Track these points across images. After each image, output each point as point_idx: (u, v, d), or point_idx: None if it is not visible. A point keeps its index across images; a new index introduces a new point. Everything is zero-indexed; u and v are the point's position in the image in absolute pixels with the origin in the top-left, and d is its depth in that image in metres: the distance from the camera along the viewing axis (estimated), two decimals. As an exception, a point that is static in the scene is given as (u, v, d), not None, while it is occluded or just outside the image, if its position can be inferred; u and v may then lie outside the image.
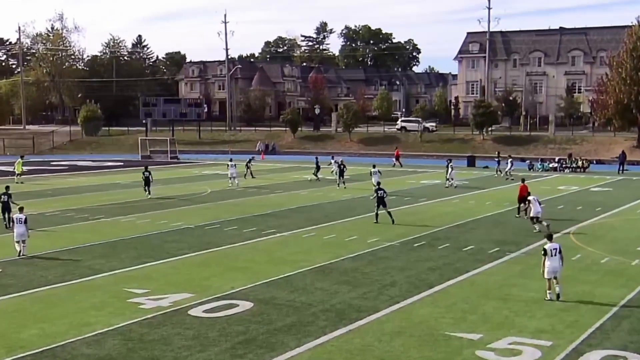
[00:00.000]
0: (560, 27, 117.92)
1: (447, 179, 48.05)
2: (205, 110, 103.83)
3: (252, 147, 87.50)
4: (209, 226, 31.38)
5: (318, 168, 52.41)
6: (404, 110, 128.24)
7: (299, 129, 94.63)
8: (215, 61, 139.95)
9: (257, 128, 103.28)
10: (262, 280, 21.05)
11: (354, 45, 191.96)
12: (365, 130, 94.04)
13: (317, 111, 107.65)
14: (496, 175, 54.88)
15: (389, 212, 31.80)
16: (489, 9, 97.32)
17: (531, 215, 29.72)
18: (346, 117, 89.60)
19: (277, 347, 15.24)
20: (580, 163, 64.37)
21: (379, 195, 32.09)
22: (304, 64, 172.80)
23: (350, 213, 35.31)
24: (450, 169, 47.78)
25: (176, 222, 32.21)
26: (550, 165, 65.00)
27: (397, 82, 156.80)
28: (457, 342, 15.63)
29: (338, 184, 47.34)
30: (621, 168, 60.71)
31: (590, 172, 59.50)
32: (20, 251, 24.84)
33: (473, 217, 34.07)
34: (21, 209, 25.97)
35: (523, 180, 35.61)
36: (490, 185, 48.95)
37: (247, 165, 53.98)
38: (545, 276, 19.17)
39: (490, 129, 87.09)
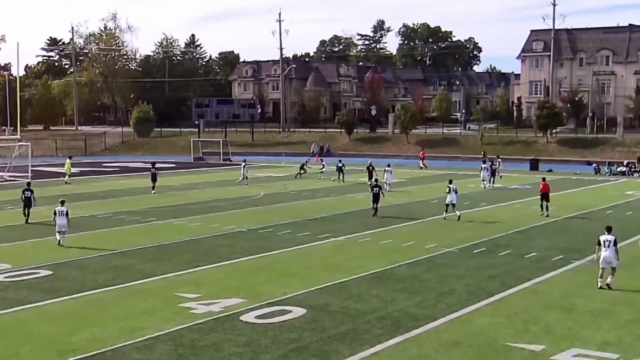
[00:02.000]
0: (630, 24, 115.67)
1: (483, 180, 50.36)
2: (259, 111, 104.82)
3: (307, 149, 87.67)
4: (261, 230, 31.57)
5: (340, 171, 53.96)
6: (464, 111, 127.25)
7: (355, 130, 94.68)
8: (269, 61, 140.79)
9: (311, 129, 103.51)
10: (315, 287, 21.08)
11: (412, 44, 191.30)
12: (423, 132, 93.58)
13: (373, 112, 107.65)
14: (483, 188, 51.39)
15: (377, 208, 35.52)
16: (554, 5, 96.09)
17: None
18: (403, 118, 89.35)
19: (331, 356, 15.24)
20: (651, 167, 63.19)
21: (375, 192, 35.77)
22: (360, 63, 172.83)
23: (407, 217, 35.16)
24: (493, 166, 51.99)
25: (229, 226, 32.48)
26: (618, 169, 63.94)
27: (457, 82, 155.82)
28: (519, 353, 15.45)
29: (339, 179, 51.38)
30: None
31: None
32: (59, 240, 27.40)
33: (536, 223, 33.65)
34: (62, 202, 28.41)
35: (544, 179, 37.73)
36: (554, 189, 48.13)
37: (302, 167, 54.43)
38: (600, 265, 20.65)
39: (554, 131, 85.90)
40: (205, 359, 15.07)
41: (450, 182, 35.37)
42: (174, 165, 72.62)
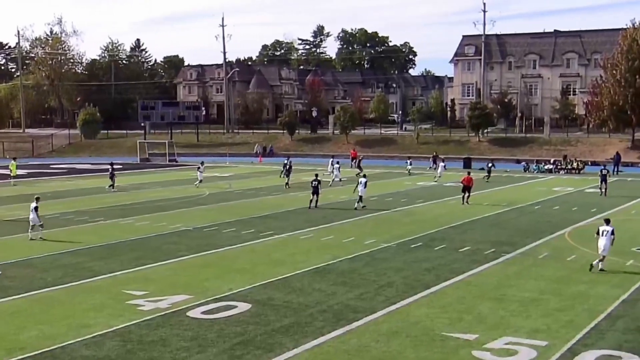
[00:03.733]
0: (555, 30, 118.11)
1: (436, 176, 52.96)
2: (203, 113, 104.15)
3: (250, 150, 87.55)
4: (207, 228, 31.37)
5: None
6: (400, 112, 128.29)
7: (297, 131, 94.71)
8: (213, 64, 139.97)
9: (254, 130, 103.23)
10: (260, 282, 21.05)
11: (350, 48, 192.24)
12: (362, 133, 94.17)
13: (314, 114, 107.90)
14: (435, 182, 52.61)
15: (317, 200, 37.53)
16: (485, 12, 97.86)
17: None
18: (343, 119, 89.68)
19: (275, 348, 15.24)
20: (575, 164, 64.49)
21: (314, 185, 37.55)
22: (301, 67, 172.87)
23: (347, 214, 35.32)
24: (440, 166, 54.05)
25: (175, 224, 32.20)
26: (546, 167, 65.09)
27: (394, 85, 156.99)
28: (454, 342, 15.65)
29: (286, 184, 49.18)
30: (616, 169, 60.79)
31: (585, 174, 59.46)
32: (30, 235, 28.28)
33: (469, 218, 34.08)
34: (37, 199, 29.10)
35: (469, 173, 41.16)
36: (487, 186, 48.93)
37: (284, 166, 52.39)
38: (598, 252, 22.55)
39: (485, 130, 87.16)
40: (154, 354, 14.94)
41: (364, 175, 39.73)
42: (120, 166, 71.45)
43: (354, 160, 65.43)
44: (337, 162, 52.91)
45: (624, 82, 71.91)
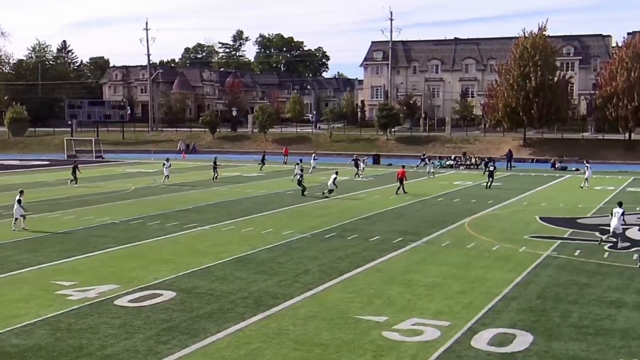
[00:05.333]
0: (455, 38, 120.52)
1: (357, 173, 53.18)
2: (129, 112, 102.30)
3: (174, 147, 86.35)
4: (133, 221, 30.77)
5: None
6: (315, 112, 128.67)
7: (218, 130, 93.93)
8: (137, 66, 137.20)
9: (178, 129, 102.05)
10: (184, 271, 20.77)
11: (268, 52, 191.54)
12: (279, 131, 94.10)
13: (234, 113, 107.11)
14: (357, 178, 52.74)
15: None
16: (391, 20, 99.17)
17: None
18: (261, 118, 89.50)
19: (199, 333, 15.07)
20: (473, 160, 66.04)
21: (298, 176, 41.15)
22: (222, 69, 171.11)
23: (266, 207, 35.20)
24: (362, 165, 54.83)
25: (102, 218, 31.47)
26: (447, 163, 66.37)
27: (308, 87, 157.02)
28: (365, 324, 15.78)
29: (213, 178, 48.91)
30: (509, 165, 62.56)
31: (482, 169, 60.77)
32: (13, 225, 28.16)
33: (378, 210, 34.42)
34: (21, 192, 29.60)
35: (403, 167, 43.91)
36: (393, 181, 49.46)
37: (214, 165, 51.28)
38: (610, 229, 24.50)
39: (393, 130, 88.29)
40: (82, 341, 14.56)
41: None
42: (48, 162, 69.62)
43: (286, 157, 67.10)
44: (316, 158, 58.91)
45: (516, 86, 73.98)
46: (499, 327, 15.54)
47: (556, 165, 63.13)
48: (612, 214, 24.65)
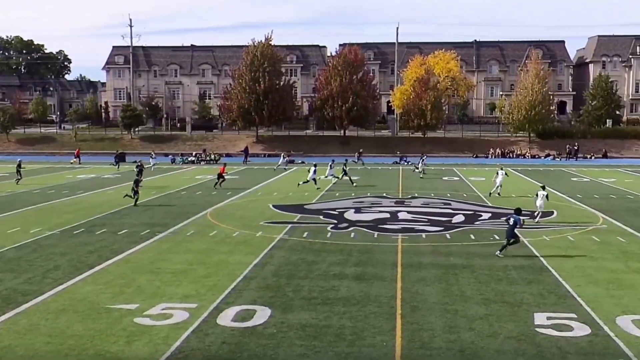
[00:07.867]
0: (192, 45, 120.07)
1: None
2: None
3: None
4: None
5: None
6: (58, 113, 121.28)
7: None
8: None
9: None
10: None
11: (7, 54, 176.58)
12: (22, 132, 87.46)
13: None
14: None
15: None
16: (131, 26, 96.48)
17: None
18: (3, 119, 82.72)
19: (-56, 337, 13.57)
20: (213, 156, 66.64)
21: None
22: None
23: (10, 207, 32.49)
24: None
25: None
26: (189, 159, 66.20)
27: (51, 89, 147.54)
28: (117, 312, 15.28)
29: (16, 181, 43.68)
30: (245, 159, 64.05)
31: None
32: None
33: (126, 205, 33.31)
34: None
35: (225, 165, 46.12)
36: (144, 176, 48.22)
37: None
38: (536, 209, 27.71)
39: (136, 129, 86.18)
40: None
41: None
42: None
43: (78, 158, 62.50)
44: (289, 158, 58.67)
45: (248, 89, 75.85)
46: (241, 305, 15.87)
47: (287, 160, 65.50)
48: (537, 195, 28.12)
